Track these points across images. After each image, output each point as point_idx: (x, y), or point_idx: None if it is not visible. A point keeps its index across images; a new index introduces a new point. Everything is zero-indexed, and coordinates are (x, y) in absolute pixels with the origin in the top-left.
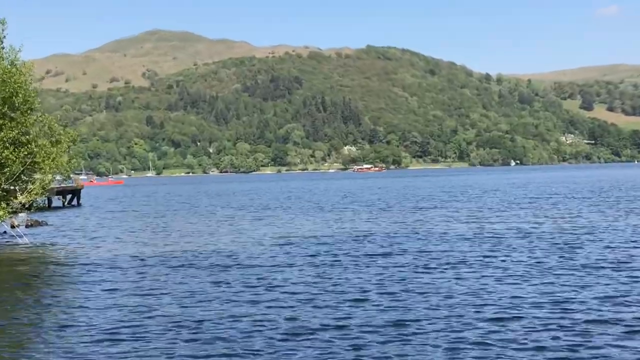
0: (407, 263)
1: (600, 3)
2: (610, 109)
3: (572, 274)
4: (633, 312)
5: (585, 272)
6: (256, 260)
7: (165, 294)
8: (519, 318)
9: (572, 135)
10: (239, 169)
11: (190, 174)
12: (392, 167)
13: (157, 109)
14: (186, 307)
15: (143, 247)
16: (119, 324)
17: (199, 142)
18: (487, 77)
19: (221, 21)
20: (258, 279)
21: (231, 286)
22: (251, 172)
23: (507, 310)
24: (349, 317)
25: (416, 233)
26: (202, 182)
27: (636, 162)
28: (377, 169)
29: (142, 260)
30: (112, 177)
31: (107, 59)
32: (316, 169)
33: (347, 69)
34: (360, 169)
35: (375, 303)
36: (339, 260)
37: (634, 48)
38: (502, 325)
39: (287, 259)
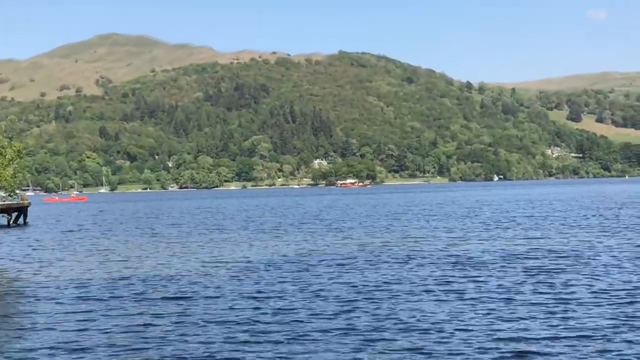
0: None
1: (589, 5)
2: (600, 120)
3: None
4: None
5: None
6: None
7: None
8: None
9: (559, 149)
10: (201, 185)
11: (148, 189)
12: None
13: (111, 119)
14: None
15: (82, 274)
16: None
17: (157, 155)
18: (469, 86)
19: (181, 25)
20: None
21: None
22: (214, 187)
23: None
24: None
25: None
26: (162, 199)
27: (627, 177)
28: (361, 184)
29: (80, 288)
30: (75, 193)
31: (56, 65)
32: (284, 185)
33: (317, 76)
34: (344, 184)
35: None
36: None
37: (624, 55)
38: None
39: (236, 287)
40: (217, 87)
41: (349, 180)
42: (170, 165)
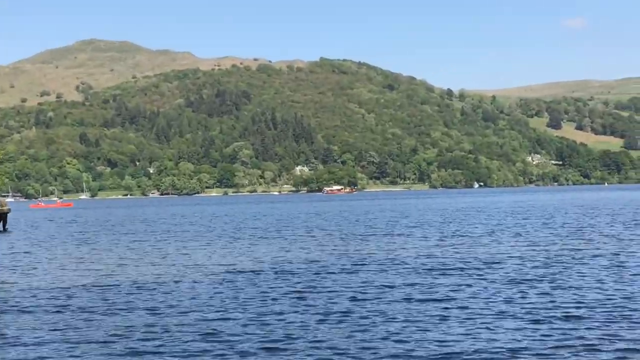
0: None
1: (566, 13)
2: (579, 128)
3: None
4: None
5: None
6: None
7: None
8: None
9: (539, 156)
10: (182, 191)
11: (129, 196)
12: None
13: (92, 125)
14: None
15: (52, 282)
16: None
17: (138, 161)
18: (449, 93)
19: (163, 31)
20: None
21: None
22: (195, 194)
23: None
24: None
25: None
26: (144, 205)
27: (606, 185)
28: (348, 190)
29: (50, 298)
30: (60, 200)
31: (37, 70)
32: (265, 191)
33: (299, 83)
34: (331, 190)
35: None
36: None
37: (604, 63)
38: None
39: (208, 297)
40: (198, 94)
41: (335, 187)
42: (151, 171)
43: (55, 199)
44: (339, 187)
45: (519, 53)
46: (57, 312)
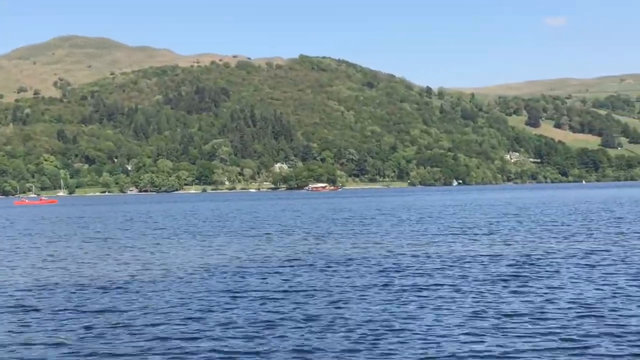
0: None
1: (548, 12)
2: (558, 126)
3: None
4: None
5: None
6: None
7: None
8: None
9: (517, 154)
10: (160, 188)
11: (107, 193)
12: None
13: (70, 122)
14: None
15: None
16: None
17: (116, 158)
18: (428, 91)
19: (142, 27)
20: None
21: None
22: (173, 191)
23: None
24: None
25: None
26: (126, 202)
27: (584, 182)
28: (332, 188)
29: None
30: (44, 197)
31: (14, 66)
32: (244, 189)
33: (278, 80)
34: (315, 187)
35: None
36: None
37: (582, 62)
38: None
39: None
40: (177, 90)
41: (319, 184)
42: (129, 168)
43: (37, 195)
44: (323, 185)
45: (498, 51)
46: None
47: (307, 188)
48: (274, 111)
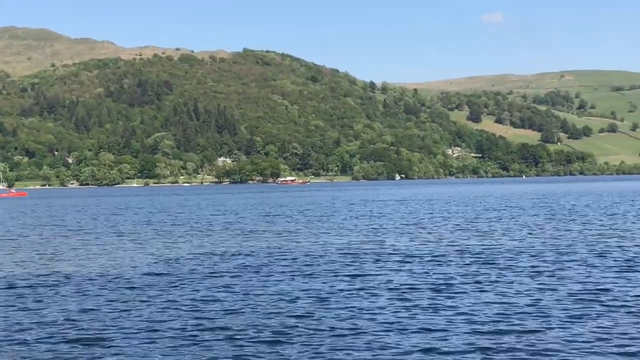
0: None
1: (485, 9)
2: (499, 121)
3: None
4: None
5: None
6: None
7: None
8: None
9: (459, 148)
10: (102, 182)
11: (47, 186)
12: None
13: (9, 114)
14: None
15: None
16: None
17: (57, 151)
18: (372, 86)
19: (83, 19)
20: None
21: None
22: (115, 184)
23: None
24: None
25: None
26: (71, 196)
27: (524, 177)
28: (301, 181)
29: None
30: (14, 189)
31: None
32: (188, 182)
33: (222, 73)
34: (285, 181)
35: None
36: None
37: (521, 58)
38: None
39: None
40: (119, 83)
41: (289, 178)
42: (70, 161)
43: (7, 188)
44: (292, 178)
45: (440, 47)
46: None
47: (277, 181)
48: (217, 105)
